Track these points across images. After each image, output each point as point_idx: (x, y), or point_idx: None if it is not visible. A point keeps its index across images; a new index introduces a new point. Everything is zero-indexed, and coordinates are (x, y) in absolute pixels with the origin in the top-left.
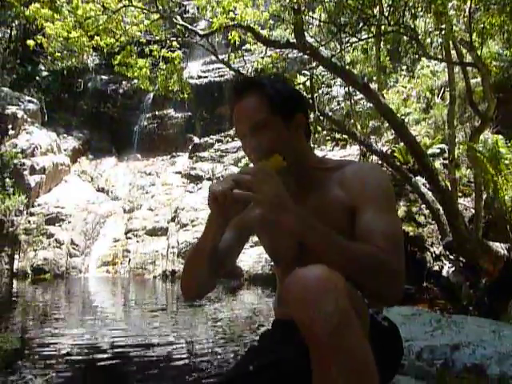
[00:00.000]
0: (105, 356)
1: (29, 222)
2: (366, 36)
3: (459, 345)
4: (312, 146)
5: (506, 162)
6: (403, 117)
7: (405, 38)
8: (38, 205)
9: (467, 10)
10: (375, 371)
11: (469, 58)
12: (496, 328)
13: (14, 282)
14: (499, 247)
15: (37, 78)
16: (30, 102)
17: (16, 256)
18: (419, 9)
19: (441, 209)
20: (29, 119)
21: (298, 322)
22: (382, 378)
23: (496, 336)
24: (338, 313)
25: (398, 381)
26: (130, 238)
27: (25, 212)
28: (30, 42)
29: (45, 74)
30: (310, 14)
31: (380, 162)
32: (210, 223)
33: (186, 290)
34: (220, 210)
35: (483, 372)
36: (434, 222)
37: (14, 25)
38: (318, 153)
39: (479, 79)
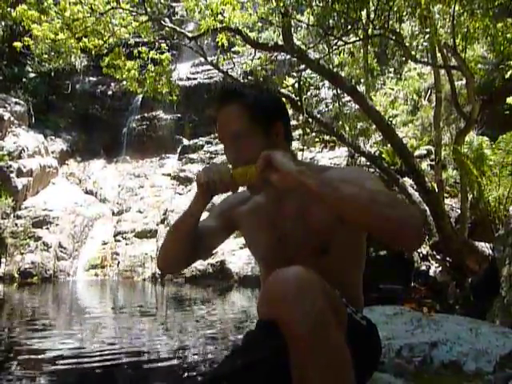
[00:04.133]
0: (93, 361)
1: (16, 225)
2: (353, 39)
3: (437, 342)
4: (301, 147)
5: (491, 163)
6: (391, 119)
7: (391, 41)
8: (25, 208)
9: (452, 14)
10: (351, 369)
11: (454, 61)
12: (474, 326)
13: (1, 286)
14: (484, 247)
15: (24, 79)
16: (16, 103)
17: (3, 259)
18: (404, 13)
19: (428, 209)
20: (16, 121)
21: (277, 320)
22: (360, 376)
23: (473, 334)
24: (316, 312)
25: (377, 378)
26: (118, 241)
27: (12, 215)
28: (17, 44)
29: (32, 75)
30: (299, 16)
31: (368, 163)
32: (196, 200)
33: (162, 261)
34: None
35: (460, 368)
36: None
37: (0, 26)
38: (307, 154)
39: (465, 81)
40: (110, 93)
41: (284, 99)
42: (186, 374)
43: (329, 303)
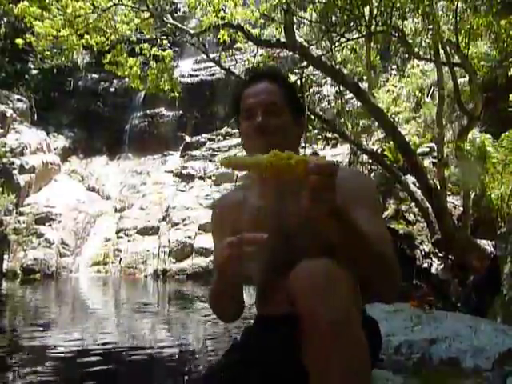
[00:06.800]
0: (96, 357)
1: (18, 221)
2: (355, 36)
3: (436, 339)
4: (303, 144)
5: (493, 160)
6: (393, 116)
7: (394, 38)
8: (28, 204)
9: (455, 11)
10: (370, 364)
11: (457, 58)
12: (473, 323)
13: (4, 282)
14: (486, 244)
15: (26, 76)
16: (19, 100)
17: (5, 256)
18: (407, 9)
19: (430, 207)
20: (18, 118)
21: (301, 311)
22: None
23: (472, 331)
24: (343, 308)
25: (375, 375)
26: (121, 238)
27: (14, 212)
28: (19, 41)
29: (34, 72)
30: (301, 13)
31: (370, 160)
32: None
33: (224, 320)
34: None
35: (458, 365)
36: (423, 220)
37: (2, 22)
38: (309, 152)
39: (468, 78)
40: (112, 90)
41: None
42: (187, 370)
43: (354, 298)
